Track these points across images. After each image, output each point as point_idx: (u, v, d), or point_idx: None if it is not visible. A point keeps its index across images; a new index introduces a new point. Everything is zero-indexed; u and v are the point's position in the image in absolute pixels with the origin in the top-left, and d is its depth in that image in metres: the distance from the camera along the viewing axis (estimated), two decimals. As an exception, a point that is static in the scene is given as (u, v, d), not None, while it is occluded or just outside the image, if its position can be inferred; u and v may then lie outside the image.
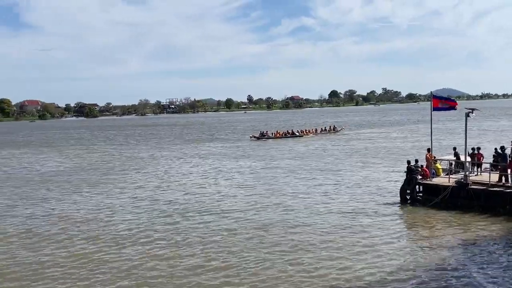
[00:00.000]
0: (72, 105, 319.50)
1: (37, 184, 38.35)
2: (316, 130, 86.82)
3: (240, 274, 16.93)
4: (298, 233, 21.81)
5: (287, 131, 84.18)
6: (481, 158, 28.12)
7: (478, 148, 28.36)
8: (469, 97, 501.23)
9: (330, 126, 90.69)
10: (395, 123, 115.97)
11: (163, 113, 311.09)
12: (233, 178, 38.48)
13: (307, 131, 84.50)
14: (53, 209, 28.83)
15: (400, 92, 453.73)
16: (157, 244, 20.86)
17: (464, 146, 26.34)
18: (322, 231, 22.08)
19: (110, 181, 38.86)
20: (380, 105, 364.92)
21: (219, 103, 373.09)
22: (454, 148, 29.71)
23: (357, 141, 68.22)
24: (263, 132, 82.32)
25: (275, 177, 38.05)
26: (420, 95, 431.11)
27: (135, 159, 55.20)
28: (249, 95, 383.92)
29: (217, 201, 29.49)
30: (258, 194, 31.20)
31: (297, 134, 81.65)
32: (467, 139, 25.99)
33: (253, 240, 20.97)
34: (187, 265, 18.00)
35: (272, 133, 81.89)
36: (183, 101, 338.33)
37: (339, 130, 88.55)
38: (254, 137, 79.70)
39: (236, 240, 21.12)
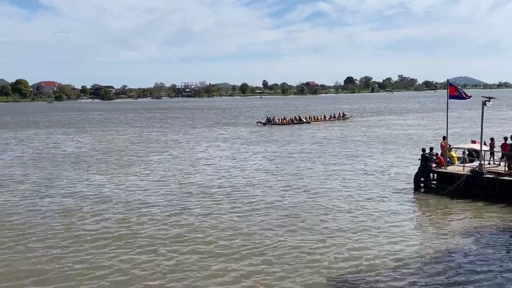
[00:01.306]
0: (88, 87, 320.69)
1: (66, 165, 38.86)
2: (324, 116, 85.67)
3: (263, 258, 17.15)
4: (313, 217, 21.93)
5: (295, 117, 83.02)
6: (507, 148, 27.31)
7: (505, 138, 27.61)
8: (486, 86, 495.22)
9: (339, 113, 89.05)
10: (410, 110, 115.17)
11: (178, 96, 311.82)
12: (253, 162, 38.74)
13: (315, 118, 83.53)
14: (83, 189, 29.10)
15: (416, 79, 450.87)
16: (187, 227, 20.99)
17: (480, 135, 26.22)
18: (336, 216, 22.19)
19: (136, 163, 39.31)
20: (394, 92, 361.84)
21: (234, 87, 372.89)
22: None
23: (369, 128, 67.91)
24: (269, 118, 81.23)
25: (294, 162, 38.22)
26: (436, 83, 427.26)
27: (158, 141, 55.63)
28: (264, 80, 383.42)
29: (241, 184, 29.72)
30: (278, 179, 31.33)
31: (304, 120, 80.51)
32: (486, 128, 25.77)
33: (276, 224, 21.17)
34: (217, 249, 18.22)
35: (279, 119, 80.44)
36: (198, 85, 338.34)
37: (349, 117, 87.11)
38: (261, 122, 78.56)
39: (260, 224, 21.33)
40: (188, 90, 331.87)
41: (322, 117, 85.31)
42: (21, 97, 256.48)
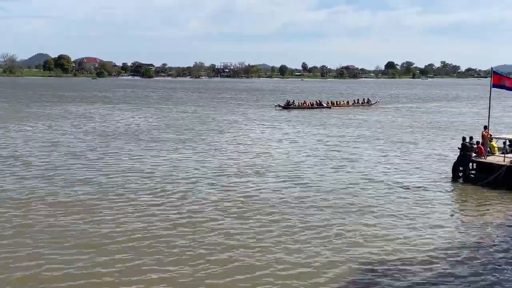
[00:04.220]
0: (129, 64, 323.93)
1: (135, 141, 39.33)
2: (348, 102, 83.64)
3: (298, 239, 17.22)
4: (347, 202, 21.75)
5: (316, 101, 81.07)
6: None
7: None
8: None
9: (364, 99, 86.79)
10: (452, 98, 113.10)
11: (217, 76, 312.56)
12: (296, 144, 38.89)
13: (337, 103, 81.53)
14: (147, 166, 29.34)
15: (459, 66, 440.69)
16: (238, 207, 21.12)
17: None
18: (371, 202, 21.98)
19: (193, 141, 39.50)
20: (429, 79, 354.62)
21: (273, 69, 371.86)
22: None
23: (404, 115, 67.11)
24: (289, 101, 78.85)
25: (327, 146, 38.07)
26: (480, 70, 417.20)
27: (213, 121, 56.12)
28: (303, 63, 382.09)
29: (288, 166, 29.96)
30: (316, 161, 31.27)
31: (325, 105, 78.58)
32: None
33: (308, 206, 21.15)
34: (277, 227, 18.43)
35: (299, 103, 78.67)
36: (237, 65, 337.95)
37: (373, 104, 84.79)
38: (280, 106, 76.31)
39: (296, 207, 21.34)
40: (227, 70, 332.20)
41: (345, 102, 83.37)
42: (63, 72, 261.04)
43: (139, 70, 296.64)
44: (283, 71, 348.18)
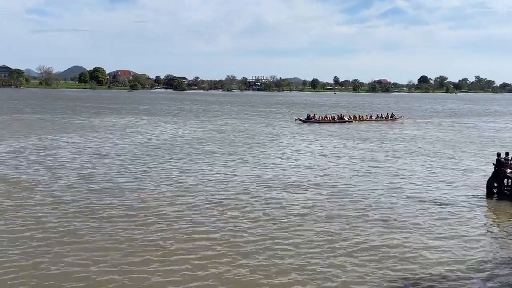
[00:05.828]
0: (162, 77, 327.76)
1: (181, 153, 39.91)
2: (371, 116, 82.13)
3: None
4: (378, 217, 21.81)
5: (337, 115, 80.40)
6: None
7: None
8: None
9: (387, 113, 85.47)
10: (484, 112, 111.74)
11: (248, 90, 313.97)
12: (338, 158, 38.91)
13: (360, 117, 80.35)
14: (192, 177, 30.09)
15: (494, 81, 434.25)
16: (285, 219, 21.44)
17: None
18: (405, 218, 21.91)
19: (234, 153, 40.16)
20: (459, 93, 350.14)
21: (304, 82, 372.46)
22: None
23: (436, 129, 66.49)
24: (309, 115, 78.08)
25: (359, 160, 37.95)
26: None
27: (251, 134, 56.55)
28: (335, 76, 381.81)
29: (323, 179, 29.94)
30: (353, 176, 31.24)
31: (347, 119, 77.67)
32: None
33: (337, 220, 21.33)
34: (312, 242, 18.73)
35: (320, 117, 77.87)
36: (269, 79, 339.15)
37: (397, 118, 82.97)
38: (300, 120, 75.53)
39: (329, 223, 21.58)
40: (259, 83, 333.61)
41: (368, 116, 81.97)
42: (98, 85, 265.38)
43: (172, 83, 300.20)
44: (314, 85, 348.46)
